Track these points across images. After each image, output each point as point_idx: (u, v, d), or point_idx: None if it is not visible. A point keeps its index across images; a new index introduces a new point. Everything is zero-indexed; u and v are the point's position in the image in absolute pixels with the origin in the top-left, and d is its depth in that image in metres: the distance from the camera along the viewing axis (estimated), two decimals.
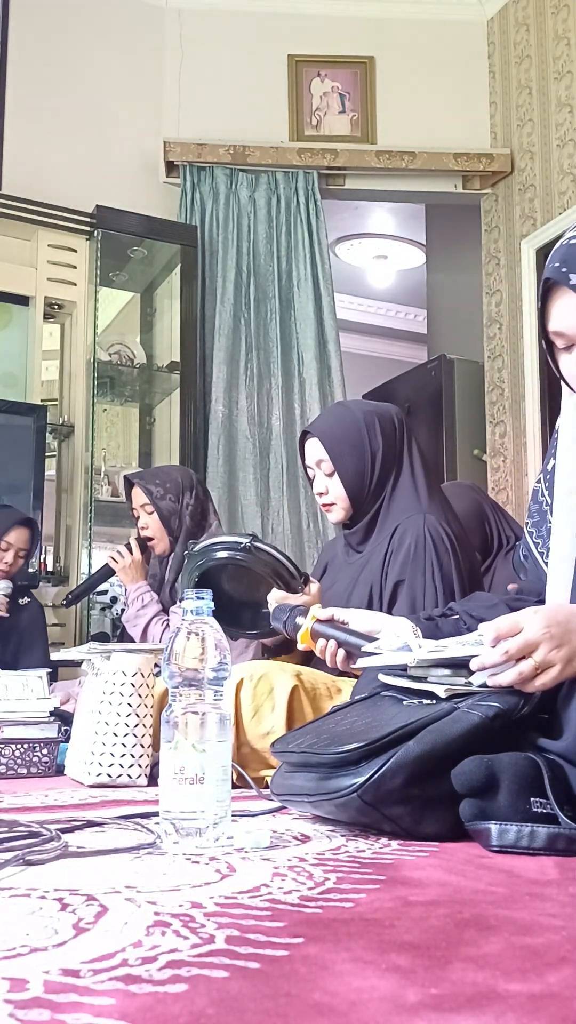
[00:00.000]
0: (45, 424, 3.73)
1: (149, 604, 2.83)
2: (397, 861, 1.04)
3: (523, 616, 1.21)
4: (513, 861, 1.04)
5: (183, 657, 1.16)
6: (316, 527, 4.14)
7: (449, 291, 5.46)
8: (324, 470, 2.06)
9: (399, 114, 4.48)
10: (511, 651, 1.18)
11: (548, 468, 1.48)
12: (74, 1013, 0.56)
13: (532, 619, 1.20)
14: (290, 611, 1.73)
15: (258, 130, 4.41)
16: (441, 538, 1.94)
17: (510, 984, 0.62)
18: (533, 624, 1.19)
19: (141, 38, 4.47)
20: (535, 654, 1.18)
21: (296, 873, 0.97)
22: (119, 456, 4.38)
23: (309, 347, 4.26)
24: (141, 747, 1.83)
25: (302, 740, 1.30)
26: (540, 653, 1.18)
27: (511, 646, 1.18)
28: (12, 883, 0.92)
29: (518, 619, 1.21)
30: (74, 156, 4.23)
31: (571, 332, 1.28)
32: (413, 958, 0.68)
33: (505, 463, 4.30)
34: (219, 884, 0.92)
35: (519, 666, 1.18)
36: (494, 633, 1.20)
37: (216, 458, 4.10)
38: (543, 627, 1.18)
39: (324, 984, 0.62)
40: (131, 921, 0.77)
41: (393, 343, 7.52)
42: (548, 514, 1.46)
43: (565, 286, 1.26)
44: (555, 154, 4.11)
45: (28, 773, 1.99)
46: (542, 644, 1.18)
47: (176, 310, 4.17)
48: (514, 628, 1.20)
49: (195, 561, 2.07)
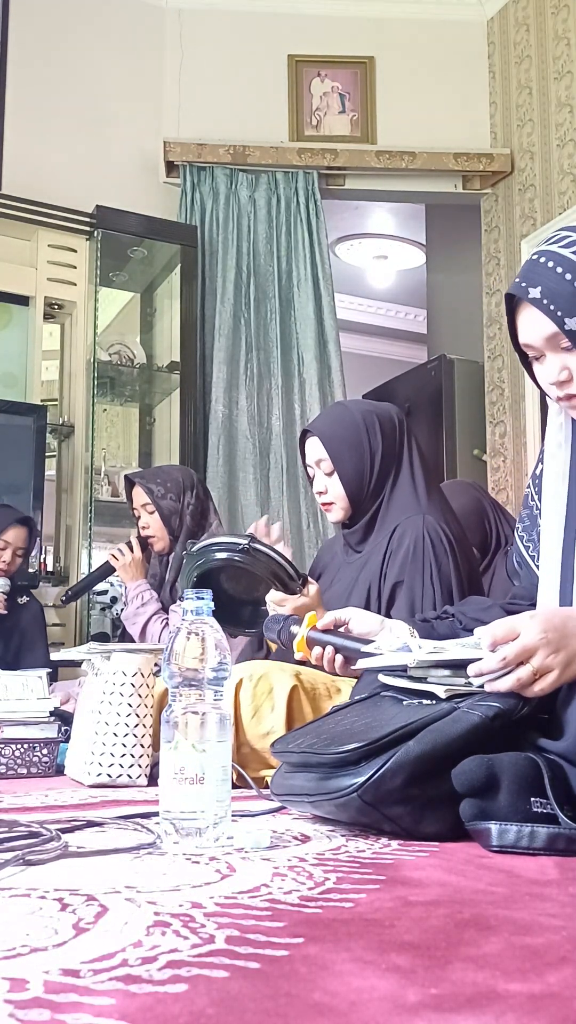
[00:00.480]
0: (45, 424, 3.73)
1: (149, 602, 2.84)
2: (397, 861, 1.04)
3: (519, 621, 1.21)
4: (513, 861, 1.04)
5: (183, 657, 1.16)
6: (316, 527, 4.14)
7: (449, 291, 5.46)
8: (324, 469, 2.06)
9: (399, 114, 4.48)
10: (509, 657, 1.18)
11: (537, 473, 1.51)
12: (74, 1013, 0.56)
13: (529, 624, 1.20)
14: (283, 621, 1.71)
15: (258, 130, 4.41)
16: (440, 539, 1.94)
17: (510, 984, 0.62)
18: (530, 629, 1.19)
19: (141, 38, 4.47)
20: (533, 659, 1.18)
21: (296, 873, 0.97)
22: (119, 456, 4.38)
23: (309, 347, 4.26)
24: (141, 747, 1.83)
25: (302, 740, 1.30)
26: (538, 659, 1.18)
27: (509, 652, 1.18)
28: (12, 883, 0.92)
29: (515, 624, 1.21)
30: (74, 156, 4.23)
31: (537, 344, 1.36)
32: (413, 958, 0.68)
33: (505, 463, 4.30)
34: (219, 884, 0.92)
35: (517, 672, 1.18)
36: (491, 638, 1.20)
37: (216, 458, 4.10)
38: (540, 632, 1.18)
39: (324, 984, 0.62)
40: (131, 921, 0.77)
41: (393, 343, 7.52)
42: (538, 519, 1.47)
43: (525, 300, 1.34)
44: (555, 154, 4.11)
45: (28, 773, 1.99)
46: (540, 650, 1.18)
47: (176, 310, 4.17)
48: (511, 633, 1.20)
49: (193, 562, 2.07)
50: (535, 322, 1.34)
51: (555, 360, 1.35)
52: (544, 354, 1.36)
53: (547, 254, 1.34)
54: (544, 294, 1.31)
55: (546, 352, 1.36)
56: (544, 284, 1.31)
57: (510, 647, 1.18)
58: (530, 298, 1.32)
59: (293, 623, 1.68)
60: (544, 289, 1.31)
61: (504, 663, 1.18)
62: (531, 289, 1.32)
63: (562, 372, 1.35)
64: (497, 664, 1.18)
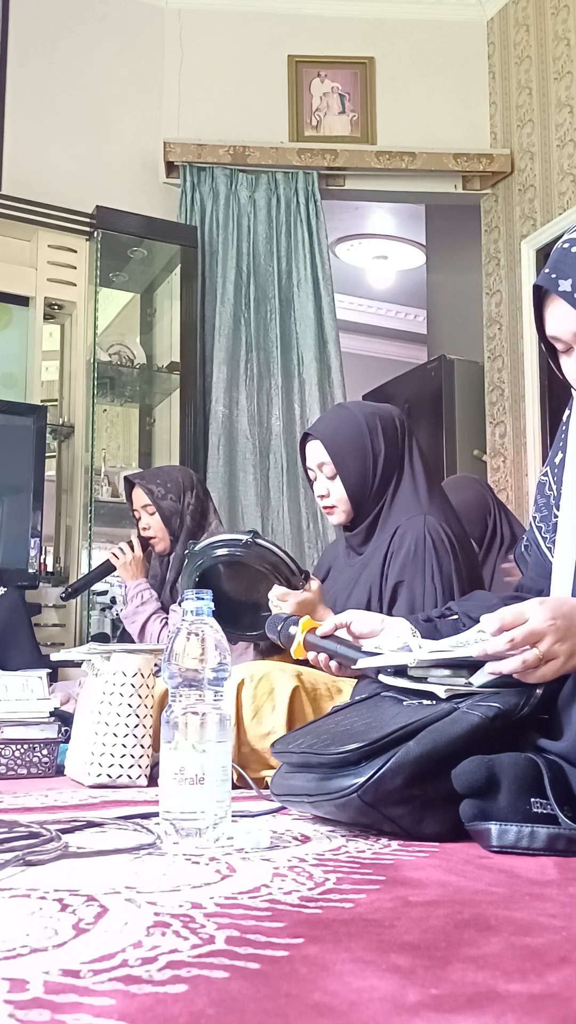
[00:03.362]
0: (45, 424, 3.73)
1: (148, 601, 2.84)
2: (397, 861, 1.04)
3: (528, 607, 1.21)
4: (513, 861, 1.04)
5: (183, 657, 1.16)
6: (316, 527, 4.14)
7: (449, 291, 5.46)
8: (326, 473, 2.05)
9: (399, 114, 4.48)
10: (516, 639, 1.17)
11: (556, 461, 1.49)
12: (74, 1013, 0.56)
13: (537, 609, 1.19)
14: (283, 621, 1.71)
15: (258, 130, 4.41)
16: (441, 539, 1.94)
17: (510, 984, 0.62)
18: (538, 614, 1.19)
19: (141, 38, 4.47)
20: (540, 644, 1.17)
21: (296, 873, 0.97)
22: (119, 456, 4.38)
23: (309, 347, 4.26)
24: (141, 747, 1.83)
25: (302, 740, 1.30)
26: (545, 643, 1.17)
27: (517, 634, 1.17)
28: (12, 883, 0.92)
29: (522, 609, 1.20)
30: (74, 156, 4.23)
31: (566, 336, 1.33)
32: (413, 958, 0.68)
33: (505, 463, 4.30)
34: (219, 884, 0.92)
35: (523, 654, 1.17)
36: (498, 623, 1.19)
37: (216, 458, 4.10)
38: (548, 618, 1.18)
39: (324, 984, 0.62)
40: (131, 921, 0.77)
41: (393, 343, 7.52)
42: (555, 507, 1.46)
43: (555, 292, 1.30)
44: (555, 154, 4.11)
45: (28, 773, 1.99)
46: (547, 635, 1.17)
47: (176, 310, 4.17)
48: (519, 618, 1.19)
49: (195, 560, 2.07)
50: (565, 315, 1.30)
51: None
52: (572, 347, 1.34)
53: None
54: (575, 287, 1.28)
55: (574, 345, 1.33)
56: (575, 276, 1.28)
57: (518, 630, 1.18)
58: (560, 291, 1.29)
59: (292, 624, 1.68)
60: (575, 282, 1.28)
61: (511, 644, 1.17)
62: (561, 281, 1.29)
63: None
64: (504, 645, 1.18)
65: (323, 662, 1.62)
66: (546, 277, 1.31)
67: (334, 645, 1.57)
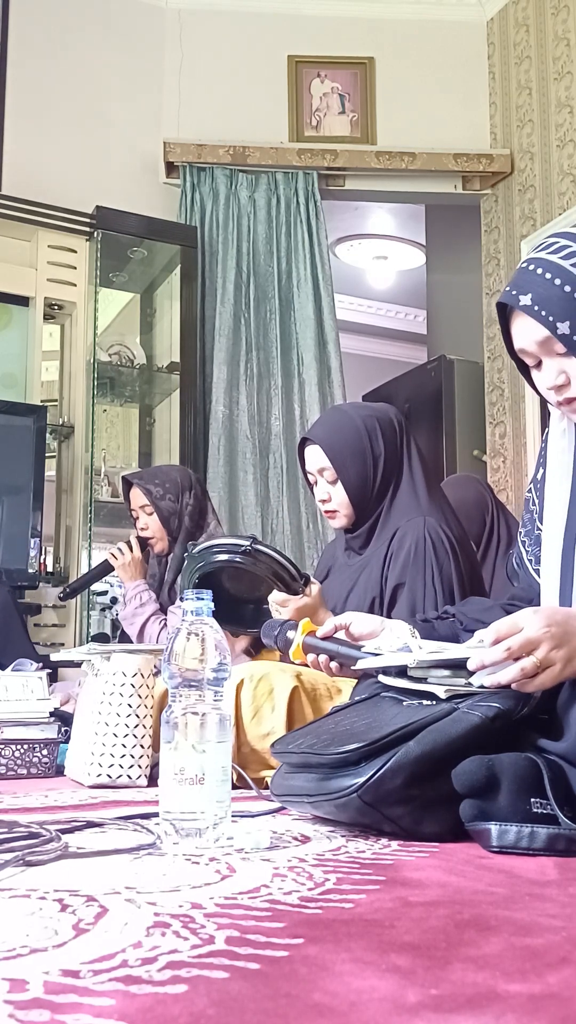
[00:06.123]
0: (45, 424, 3.73)
1: (147, 603, 2.84)
2: (397, 862, 1.04)
3: (522, 616, 1.22)
4: (513, 861, 1.04)
5: (183, 658, 1.16)
6: (316, 528, 4.14)
7: (449, 291, 5.46)
8: (327, 478, 2.04)
9: (399, 115, 4.48)
10: (513, 648, 1.18)
11: (538, 477, 1.51)
12: (74, 1014, 0.56)
13: (532, 618, 1.21)
14: (280, 626, 1.70)
15: (258, 131, 4.41)
16: (441, 540, 1.94)
17: (510, 984, 0.62)
18: (533, 623, 1.20)
19: (141, 38, 4.47)
20: (537, 652, 1.18)
21: (296, 874, 0.97)
22: (119, 457, 4.38)
23: (309, 347, 4.26)
24: (141, 748, 1.83)
25: (302, 741, 1.30)
26: (542, 651, 1.18)
27: (513, 643, 1.19)
28: (12, 884, 0.92)
29: (517, 619, 1.22)
30: (74, 156, 4.23)
31: (531, 349, 1.37)
32: (413, 958, 0.68)
33: (505, 464, 4.30)
34: (219, 885, 0.92)
35: (521, 663, 1.18)
36: (494, 635, 1.21)
37: (216, 458, 4.10)
38: (543, 626, 1.19)
39: (324, 985, 0.62)
40: (131, 922, 0.77)
41: (393, 344, 7.52)
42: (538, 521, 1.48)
43: (517, 307, 1.36)
44: (555, 155, 4.11)
45: (28, 774, 1.99)
46: (543, 643, 1.18)
47: (176, 311, 4.17)
48: (514, 628, 1.21)
49: (195, 563, 2.06)
50: (528, 328, 1.36)
51: (552, 365, 1.36)
52: (540, 360, 1.38)
53: (536, 261, 1.36)
54: (535, 300, 1.33)
55: (542, 357, 1.37)
56: (534, 291, 1.33)
57: (514, 639, 1.19)
58: (521, 305, 1.34)
59: (290, 628, 1.67)
60: (535, 295, 1.33)
61: (508, 653, 1.18)
62: (522, 296, 1.34)
63: (559, 376, 1.36)
64: (501, 655, 1.19)
65: (323, 663, 1.62)
66: (507, 295, 1.37)
67: (334, 646, 1.56)
